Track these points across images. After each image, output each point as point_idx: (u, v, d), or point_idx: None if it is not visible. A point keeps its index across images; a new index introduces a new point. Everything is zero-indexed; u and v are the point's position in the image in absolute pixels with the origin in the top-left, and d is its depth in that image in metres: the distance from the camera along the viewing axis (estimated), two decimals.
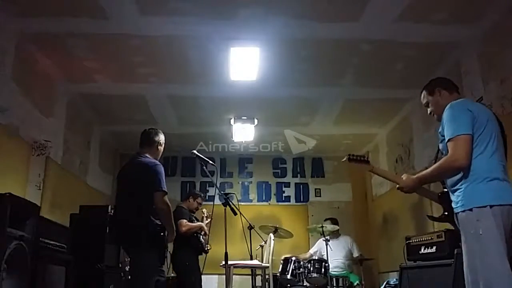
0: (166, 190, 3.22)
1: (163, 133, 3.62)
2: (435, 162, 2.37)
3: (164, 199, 3.17)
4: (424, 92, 2.58)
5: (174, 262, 4.83)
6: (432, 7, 3.63)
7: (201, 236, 4.89)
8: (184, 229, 4.63)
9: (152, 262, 3.18)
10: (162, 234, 3.23)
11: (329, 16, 3.75)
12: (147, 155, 3.39)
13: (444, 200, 2.36)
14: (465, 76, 4.19)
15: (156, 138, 3.47)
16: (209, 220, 5.06)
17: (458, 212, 2.20)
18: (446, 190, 2.36)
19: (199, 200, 5.13)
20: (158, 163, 3.34)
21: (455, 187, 2.23)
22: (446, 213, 2.36)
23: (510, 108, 3.52)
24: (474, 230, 2.08)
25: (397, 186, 2.53)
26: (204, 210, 4.97)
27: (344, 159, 2.83)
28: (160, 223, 3.22)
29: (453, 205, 2.24)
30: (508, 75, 3.55)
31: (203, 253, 4.88)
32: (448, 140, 2.21)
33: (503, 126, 2.34)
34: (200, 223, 4.95)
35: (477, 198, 2.12)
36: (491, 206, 2.07)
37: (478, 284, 2.05)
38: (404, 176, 2.51)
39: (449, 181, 2.27)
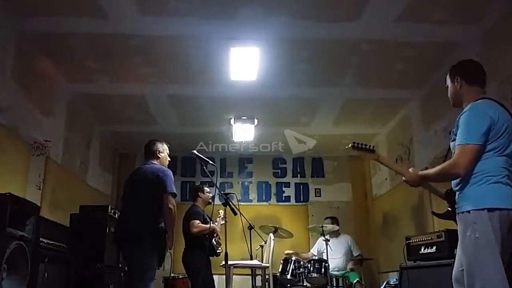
0: (175, 192, 3.35)
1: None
2: (444, 160, 2.35)
3: (172, 200, 3.28)
4: (448, 74, 2.51)
5: (184, 263, 4.76)
6: (432, 7, 3.63)
7: (213, 239, 4.83)
8: (195, 230, 4.57)
9: (153, 263, 3.22)
10: (164, 236, 3.27)
11: (329, 16, 3.75)
12: (155, 162, 3.54)
13: (450, 196, 2.35)
14: None
15: (154, 148, 3.59)
16: (223, 222, 4.97)
17: (458, 213, 2.21)
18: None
19: (207, 190, 5.06)
20: (166, 168, 3.49)
21: (457, 188, 2.24)
22: (450, 209, 2.36)
23: (509, 108, 3.51)
24: (470, 233, 2.08)
25: (403, 178, 2.51)
26: (220, 211, 4.88)
27: (349, 146, 2.79)
28: (163, 226, 3.26)
29: (456, 205, 2.24)
30: (508, 75, 3.55)
31: (214, 256, 4.83)
32: (458, 144, 2.19)
33: None
34: (212, 225, 4.84)
35: (476, 200, 2.10)
36: (488, 210, 2.05)
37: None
38: (411, 170, 2.50)
39: (453, 182, 2.29)
